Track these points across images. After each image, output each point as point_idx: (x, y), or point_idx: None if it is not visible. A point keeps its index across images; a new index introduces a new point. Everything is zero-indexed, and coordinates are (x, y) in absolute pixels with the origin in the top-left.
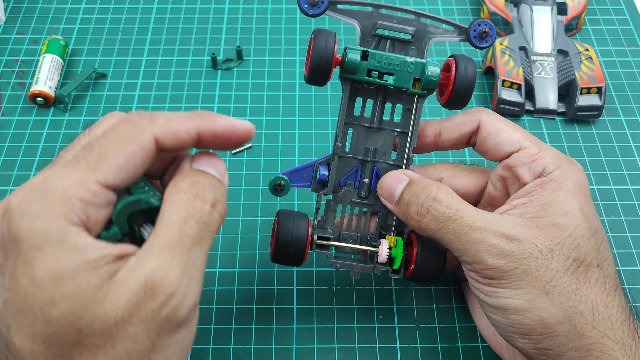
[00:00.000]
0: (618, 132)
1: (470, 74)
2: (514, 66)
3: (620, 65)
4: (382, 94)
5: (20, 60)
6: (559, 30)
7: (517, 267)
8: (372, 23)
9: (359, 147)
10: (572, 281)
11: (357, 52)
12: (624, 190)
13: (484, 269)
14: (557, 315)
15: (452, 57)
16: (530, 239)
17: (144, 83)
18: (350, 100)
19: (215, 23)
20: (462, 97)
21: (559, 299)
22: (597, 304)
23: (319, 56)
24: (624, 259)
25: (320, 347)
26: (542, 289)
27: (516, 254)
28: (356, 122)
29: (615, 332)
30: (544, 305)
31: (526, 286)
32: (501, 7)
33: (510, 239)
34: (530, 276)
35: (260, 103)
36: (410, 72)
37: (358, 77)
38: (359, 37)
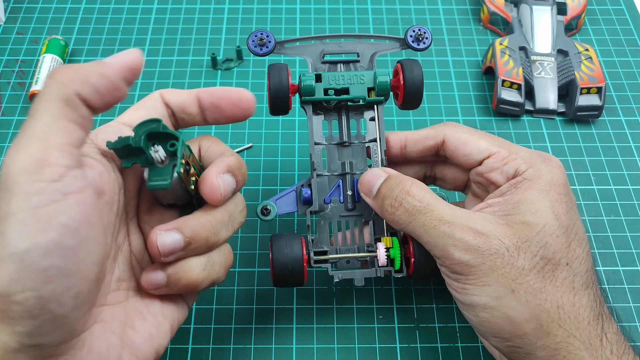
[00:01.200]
0: (618, 132)
1: (416, 74)
2: (514, 66)
3: (620, 65)
4: (344, 111)
5: (20, 60)
6: (558, 30)
7: (483, 262)
8: (320, 52)
9: (335, 164)
10: (537, 279)
11: (311, 76)
12: (624, 190)
13: (452, 263)
14: (524, 314)
15: (399, 62)
16: (498, 235)
17: (144, 83)
18: (315, 122)
19: (215, 23)
20: (414, 96)
21: (525, 297)
22: (563, 302)
23: (275, 89)
24: (623, 259)
25: (320, 347)
26: (508, 286)
27: (482, 249)
28: (327, 142)
29: (582, 332)
30: (511, 303)
31: (493, 283)
32: (501, 7)
33: (478, 234)
34: (496, 273)
35: (260, 103)
36: (363, 83)
37: (316, 97)
38: (311, 66)
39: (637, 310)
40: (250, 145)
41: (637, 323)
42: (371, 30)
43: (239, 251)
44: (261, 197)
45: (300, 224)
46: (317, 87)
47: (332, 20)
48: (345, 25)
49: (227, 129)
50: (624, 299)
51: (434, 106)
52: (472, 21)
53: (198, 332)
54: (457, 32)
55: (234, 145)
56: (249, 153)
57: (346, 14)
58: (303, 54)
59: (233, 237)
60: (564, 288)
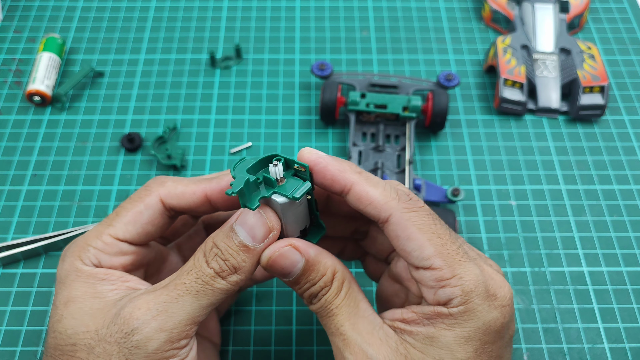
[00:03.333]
0: (621, 131)
1: (443, 102)
2: (516, 65)
3: (623, 64)
4: (382, 124)
5: (17, 58)
6: (561, 28)
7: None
8: (367, 83)
9: (369, 162)
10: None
11: (357, 93)
12: (627, 190)
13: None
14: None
15: (431, 91)
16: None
17: (142, 82)
18: (357, 128)
19: (214, 21)
20: (438, 120)
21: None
22: None
23: (327, 99)
24: (627, 259)
25: (320, 349)
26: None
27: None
28: (363, 144)
29: None
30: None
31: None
32: (503, 5)
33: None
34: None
35: (259, 102)
36: (399, 103)
37: (359, 108)
38: (358, 89)
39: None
40: (249, 145)
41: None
42: (372, 28)
43: None
44: None
45: None
46: (361, 102)
47: (332, 19)
48: (346, 24)
49: (226, 128)
50: (627, 300)
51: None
52: (473, 19)
53: None
54: (458, 31)
55: (233, 145)
56: (248, 152)
57: (347, 13)
58: (353, 82)
59: None
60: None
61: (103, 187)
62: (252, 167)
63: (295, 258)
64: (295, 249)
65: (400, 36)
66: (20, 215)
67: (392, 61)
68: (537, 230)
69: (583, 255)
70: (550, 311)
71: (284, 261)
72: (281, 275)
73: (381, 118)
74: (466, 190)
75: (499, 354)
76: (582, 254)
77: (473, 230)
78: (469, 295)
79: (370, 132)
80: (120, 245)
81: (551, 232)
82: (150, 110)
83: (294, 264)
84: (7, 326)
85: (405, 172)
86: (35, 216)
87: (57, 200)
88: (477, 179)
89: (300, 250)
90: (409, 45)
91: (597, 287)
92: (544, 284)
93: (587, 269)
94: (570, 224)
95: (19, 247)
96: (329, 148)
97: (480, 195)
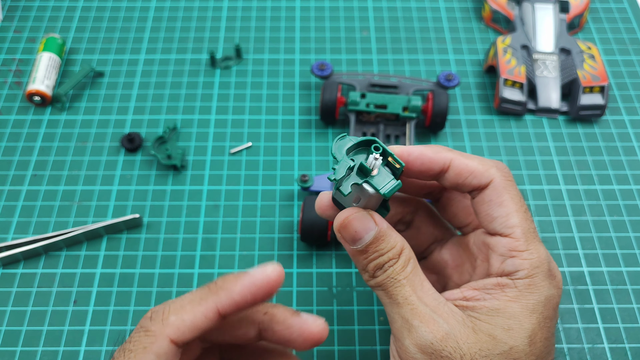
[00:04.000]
0: (621, 131)
1: (443, 102)
2: (516, 65)
3: (623, 64)
4: (382, 124)
5: (17, 59)
6: (561, 28)
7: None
8: (367, 83)
9: None
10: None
11: (357, 93)
12: (627, 190)
13: (400, 349)
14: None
15: (431, 91)
16: (458, 338)
17: (142, 82)
18: (357, 128)
19: (214, 21)
20: (438, 120)
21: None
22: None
23: (327, 99)
24: (626, 259)
25: (320, 349)
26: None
27: (435, 347)
28: None
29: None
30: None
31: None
32: (503, 5)
33: (436, 329)
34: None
35: (259, 102)
36: (399, 103)
37: (359, 108)
38: (358, 89)
39: None
40: (249, 145)
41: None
42: (372, 28)
43: (238, 252)
44: (260, 198)
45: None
46: (361, 102)
47: (332, 19)
48: (346, 24)
49: (226, 128)
50: (627, 300)
51: None
52: (473, 19)
53: None
54: (458, 31)
55: (233, 145)
56: (248, 152)
57: (347, 13)
58: (353, 82)
59: (231, 238)
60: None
61: (103, 187)
62: (350, 148)
63: (370, 225)
64: (371, 216)
65: (400, 36)
66: (20, 215)
67: (392, 61)
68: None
69: (583, 255)
70: None
71: (359, 225)
72: (352, 239)
73: (381, 118)
74: None
75: (553, 332)
76: (582, 254)
77: None
78: (535, 270)
79: (370, 132)
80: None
81: (551, 232)
82: (150, 110)
83: (367, 229)
84: (7, 326)
85: None
86: (35, 216)
87: (57, 201)
88: None
89: (375, 219)
90: (409, 45)
91: (597, 287)
92: None
93: (587, 269)
94: (571, 224)
95: (19, 247)
96: (329, 148)
97: None
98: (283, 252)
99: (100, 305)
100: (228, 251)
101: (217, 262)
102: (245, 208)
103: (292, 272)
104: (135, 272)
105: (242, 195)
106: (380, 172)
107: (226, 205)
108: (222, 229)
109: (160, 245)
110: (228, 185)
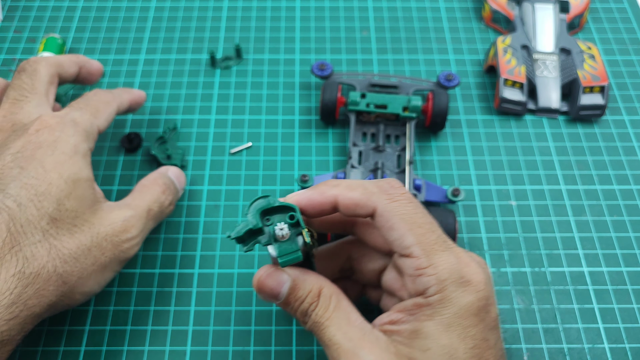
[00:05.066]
0: (621, 131)
1: (443, 102)
2: (516, 65)
3: (623, 64)
4: (382, 124)
5: (17, 59)
6: (561, 28)
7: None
8: (367, 83)
9: (369, 163)
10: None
11: (357, 93)
12: (627, 190)
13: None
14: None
15: (431, 91)
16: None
17: (142, 82)
18: (357, 128)
19: (214, 21)
20: (438, 120)
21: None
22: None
23: (327, 99)
24: (626, 259)
25: (320, 349)
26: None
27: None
28: (364, 144)
29: None
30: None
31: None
32: (503, 5)
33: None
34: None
35: (259, 102)
36: (400, 103)
37: (359, 108)
38: (358, 89)
39: None
40: (249, 145)
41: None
42: (372, 28)
43: (238, 252)
44: None
45: None
46: (362, 102)
47: (332, 19)
48: (346, 24)
49: (226, 128)
50: (627, 300)
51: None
52: (473, 19)
53: (198, 335)
54: (458, 31)
55: (233, 145)
56: (248, 152)
57: (347, 13)
58: (353, 82)
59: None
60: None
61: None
62: (263, 212)
63: (282, 279)
64: (281, 270)
65: (400, 36)
66: None
67: (392, 61)
68: (537, 231)
69: (583, 255)
70: (550, 311)
71: (272, 282)
72: (271, 297)
73: (381, 118)
74: (466, 190)
75: (483, 337)
76: (582, 254)
77: (473, 230)
78: (443, 284)
79: (371, 132)
80: (96, 136)
81: (551, 232)
82: (150, 110)
83: (280, 284)
84: None
85: (405, 172)
86: None
87: None
88: (477, 179)
89: (287, 271)
90: (409, 45)
91: (597, 287)
92: (544, 284)
93: (587, 269)
94: (571, 224)
95: None
96: (329, 148)
97: (480, 195)
98: None
99: (100, 306)
100: (228, 251)
101: (217, 262)
102: (246, 208)
103: None
104: (136, 272)
105: (242, 195)
106: (290, 238)
107: (226, 205)
108: (222, 229)
109: (161, 245)
110: (228, 186)
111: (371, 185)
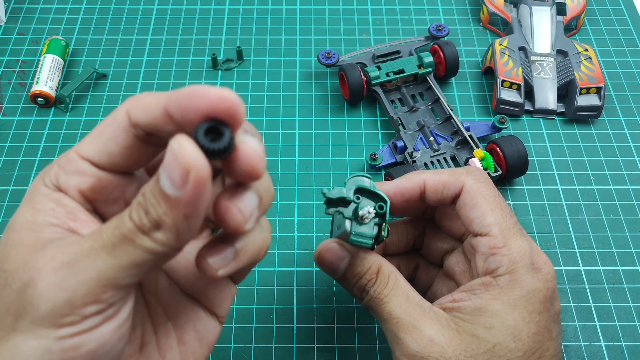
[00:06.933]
0: (617, 132)
1: (453, 50)
2: (514, 66)
3: (619, 65)
4: (405, 89)
5: (20, 60)
6: (558, 30)
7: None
8: (372, 56)
9: (412, 124)
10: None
11: (374, 68)
12: (623, 190)
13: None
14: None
15: (435, 44)
16: (442, 343)
17: (145, 83)
18: (387, 100)
19: (216, 23)
20: (453, 66)
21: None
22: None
23: (353, 81)
24: (622, 258)
25: (320, 346)
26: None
27: (421, 355)
28: (399, 112)
29: None
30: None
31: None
32: (500, 7)
33: (421, 337)
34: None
35: (260, 103)
36: (413, 64)
37: (382, 80)
38: (367, 65)
39: (636, 310)
40: None
41: (636, 323)
42: (371, 30)
43: None
44: None
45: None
46: (381, 74)
47: (332, 21)
48: (345, 25)
49: None
50: (623, 298)
51: None
52: (471, 21)
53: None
54: (457, 33)
55: None
56: None
57: (346, 15)
58: (360, 59)
59: None
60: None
61: None
62: (358, 189)
63: (342, 254)
64: (342, 245)
65: (399, 38)
66: None
67: None
68: (534, 230)
69: (580, 255)
70: None
71: (332, 256)
72: (329, 270)
73: (401, 82)
74: None
75: (546, 326)
76: (579, 253)
77: None
78: (515, 265)
79: (397, 98)
80: (79, 164)
81: (549, 231)
82: None
83: (340, 259)
84: None
85: (450, 120)
86: None
87: None
88: None
89: (346, 247)
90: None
91: (594, 286)
92: None
93: (583, 268)
94: (567, 224)
95: None
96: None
97: None
98: (283, 252)
99: None
100: None
101: None
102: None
103: (292, 270)
104: None
105: None
106: (369, 224)
107: None
108: None
109: None
110: None
111: (458, 169)
